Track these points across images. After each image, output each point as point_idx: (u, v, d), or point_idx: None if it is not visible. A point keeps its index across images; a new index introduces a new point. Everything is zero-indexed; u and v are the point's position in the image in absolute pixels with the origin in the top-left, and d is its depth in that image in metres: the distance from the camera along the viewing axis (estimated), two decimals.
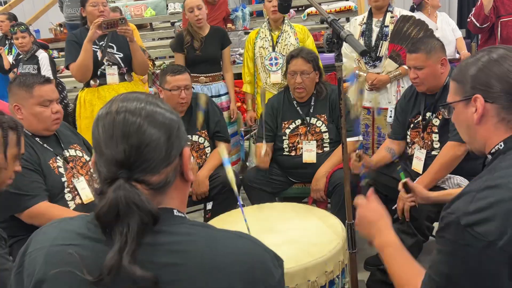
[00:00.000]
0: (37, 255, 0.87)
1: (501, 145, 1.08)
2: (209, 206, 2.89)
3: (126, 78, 3.06)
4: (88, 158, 2.23)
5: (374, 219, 1.33)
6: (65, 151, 2.13)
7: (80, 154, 2.19)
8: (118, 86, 3.01)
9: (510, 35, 3.45)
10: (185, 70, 2.70)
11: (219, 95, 3.35)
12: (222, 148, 2.00)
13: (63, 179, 2.05)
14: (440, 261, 1.01)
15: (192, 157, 0.87)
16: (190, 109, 2.73)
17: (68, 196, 2.05)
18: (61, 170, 2.06)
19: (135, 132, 0.82)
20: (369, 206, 1.37)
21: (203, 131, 2.77)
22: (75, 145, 2.21)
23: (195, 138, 2.74)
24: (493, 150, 1.10)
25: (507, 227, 0.92)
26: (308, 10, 5.28)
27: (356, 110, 2.18)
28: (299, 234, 1.86)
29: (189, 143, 0.81)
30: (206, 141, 2.78)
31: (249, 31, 4.24)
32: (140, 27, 5.90)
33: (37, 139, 2.04)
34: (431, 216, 2.19)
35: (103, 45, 2.97)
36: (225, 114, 3.36)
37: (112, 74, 2.97)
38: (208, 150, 2.79)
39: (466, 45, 4.57)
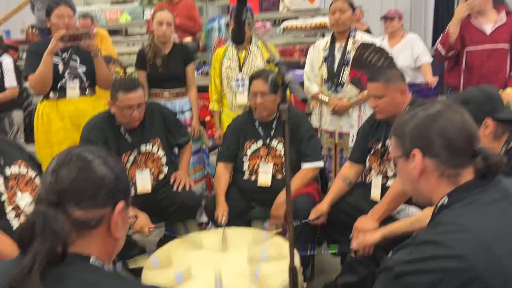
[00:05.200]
0: None
1: (445, 200, 1.10)
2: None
3: (87, 92, 2.98)
4: (34, 174, 2.12)
5: None
6: (7, 168, 2.03)
7: (24, 171, 2.08)
8: (78, 101, 2.94)
9: (474, 64, 3.51)
10: (138, 86, 2.55)
11: (183, 112, 3.32)
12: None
13: (3, 199, 1.97)
14: None
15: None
16: (143, 120, 2.67)
17: (11, 214, 1.97)
18: (1, 189, 1.97)
19: (76, 168, 0.91)
20: None
21: (156, 139, 2.71)
22: (19, 160, 2.09)
23: (148, 147, 2.70)
24: (440, 204, 1.12)
25: (436, 283, 0.95)
26: (284, 25, 5.29)
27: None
28: (253, 263, 1.88)
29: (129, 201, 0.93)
30: (160, 149, 2.73)
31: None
32: (114, 32, 5.83)
33: None
34: (386, 247, 2.18)
35: (65, 58, 2.91)
36: (188, 130, 3.34)
37: (72, 88, 2.90)
38: (164, 160, 2.73)
39: (437, 68, 4.62)
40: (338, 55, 3.07)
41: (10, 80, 4.15)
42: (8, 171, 2.03)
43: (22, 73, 4.43)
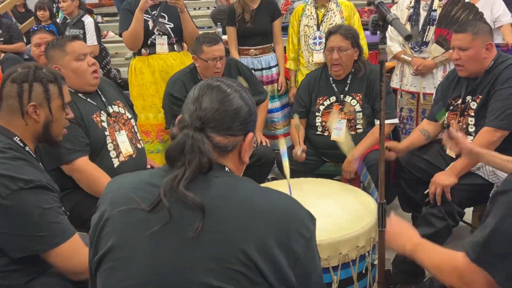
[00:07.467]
0: (106, 197, 1.05)
1: None
2: None
3: (175, 48, 3.11)
4: (129, 116, 2.28)
5: (401, 231, 1.42)
6: (108, 107, 2.20)
7: (123, 111, 2.26)
8: (167, 56, 3.07)
9: None
10: (220, 40, 2.72)
11: (270, 67, 3.37)
12: (282, 141, 2.07)
13: (106, 133, 2.12)
14: (489, 222, 1.08)
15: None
16: (222, 74, 2.78)
17: (112, 154, 2.13)
18: (104, 124, 2.13)
19: (217, 99, 1.01)
20: (394, 222, 1.46)
21: None
22: (118, 101, 2.27)
23: None
24: None
25: None
26: None
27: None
28: (333, 209, 1.92)
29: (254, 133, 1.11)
30: None
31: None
32: None
33: (80, 94, 2.10)
34: (463, 202, 2.23)
35: (155, 14, 3.02)
36: (275, 86, 3.40)
37: (161, 44, 3.03)
38: None
39: None
40: (423, 13, 3.01)
41: (92, 39, 4.35)
42: (111, 109, 2.21)
43: (100, 33, 4.63)
